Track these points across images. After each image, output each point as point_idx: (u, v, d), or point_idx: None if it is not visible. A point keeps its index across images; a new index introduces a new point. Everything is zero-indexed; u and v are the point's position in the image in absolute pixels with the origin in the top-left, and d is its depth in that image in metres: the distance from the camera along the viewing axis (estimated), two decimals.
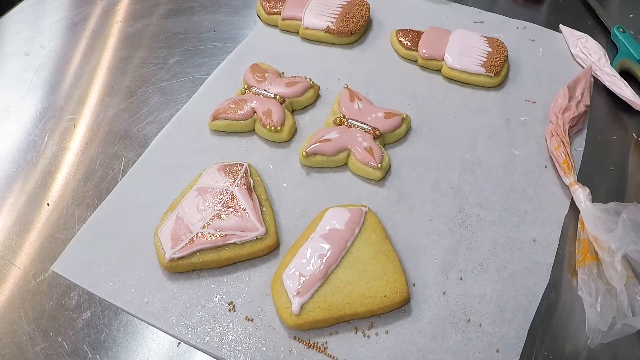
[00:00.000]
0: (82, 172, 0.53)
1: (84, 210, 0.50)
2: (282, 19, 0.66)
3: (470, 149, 0.55)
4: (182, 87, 0.61)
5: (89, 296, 0.44)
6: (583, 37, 0.65)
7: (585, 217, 0.47)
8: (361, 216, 0.47)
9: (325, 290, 0.42)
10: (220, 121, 0.55)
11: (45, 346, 0.42)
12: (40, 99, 0.60)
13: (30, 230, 0.49)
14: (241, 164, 0.51)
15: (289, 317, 0.42)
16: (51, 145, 0.56)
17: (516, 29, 0.68)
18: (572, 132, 0.56)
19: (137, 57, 0.65)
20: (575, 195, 0.49)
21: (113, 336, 0.43)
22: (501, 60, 0.60)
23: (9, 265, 0.47)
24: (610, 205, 0.46)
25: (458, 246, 0.47)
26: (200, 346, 0.42)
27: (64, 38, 0.67)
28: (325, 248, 0.44)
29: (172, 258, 0.44)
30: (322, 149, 0.52)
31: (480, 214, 0.50)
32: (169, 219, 0.47)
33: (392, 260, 0.44)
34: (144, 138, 0.56)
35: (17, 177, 0.53)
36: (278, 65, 0.61)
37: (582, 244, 0.47)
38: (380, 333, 0.42)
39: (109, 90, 0.61)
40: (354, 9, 0.65)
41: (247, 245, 0.45)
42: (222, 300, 0.44)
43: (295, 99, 0.57)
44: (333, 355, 0.41)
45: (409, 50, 0.62)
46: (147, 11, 0.71)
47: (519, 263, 0.46)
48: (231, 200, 0.47)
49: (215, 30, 0.68)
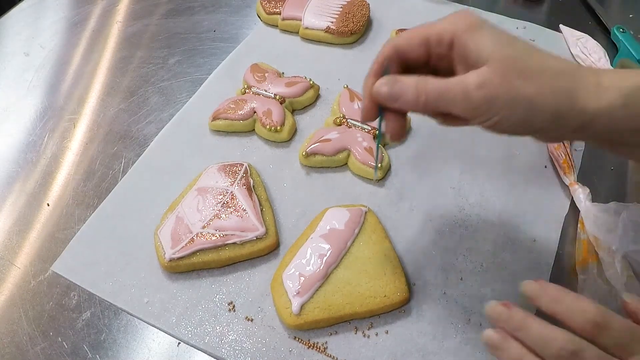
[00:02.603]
0: (82, 172, 0.53)
1: (84, 210, 0.50)
2: (282, 19, 0.66)
3: (470, 149, 0.55)
4: (182, 87, 0.61)
5: (89, 296, 0.44)
6: (583, 37, 0.65)
7: (585, 217, 0.47)
8: (361, 216, 0.47)
9: (325, 290, 0.42)
10: (220, 121, 0.55)
11: (45, 346, 0.42)
12: (40, 99, 0.60)
13: (30, 230, 0.49)
14: (241, 164, 0.50)
15: (289, 317, 0.42)
16: (51, 145, 0.56)
17: (516, 29, 0.68)
18: None
19: (137, 57, 0.65)
20: (575, 195, 0.49)
21: (113, 336, 0.43)
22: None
23: (9, 265, 0.47)
24: (610, 205, 0.46)
25: (458, 246, 0.47)
26: (200, 346, 0.42)
27: (64, 38, 0.67)
28: (325, 248, 0.44)
29: (172, 258, 0.44)
30: (322, 149, 0.52)
31: (480, 214, 0.50)
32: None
33: (392, 260, 0.44)
34: (144, 138, 0.56)
35: (17, 177, 0.53)
36: (278, 65, 0.61)
37: (582, 244, 0.47)
38: (380, 333, 0.42)
39: (109, 90, 0.61)
40: (354, 9, 0.65)
41: (247, 245, 0.45)
42: (222, 300, 0.44)
43: (295, 99, 0.57)
44: (333, 355, 0.41)
45: None
46: (147, 11, 0.71)
47: (519, 263, 0.46)
48: (231, 200, 0.47)
49: (215, 30, 0.68)
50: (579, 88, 0.33)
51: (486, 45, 0.34)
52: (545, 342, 0.33)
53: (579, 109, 0.33)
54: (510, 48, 0.34)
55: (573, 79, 0.33)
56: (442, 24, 0.36)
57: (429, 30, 0.36)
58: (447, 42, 0.36)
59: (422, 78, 0.36)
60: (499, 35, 0.34)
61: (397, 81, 0.36)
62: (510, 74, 0.33)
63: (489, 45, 0.34)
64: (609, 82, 0.33)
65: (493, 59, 0.33)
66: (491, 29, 0.35)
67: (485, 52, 0.34)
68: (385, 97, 0.37)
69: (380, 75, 0.38)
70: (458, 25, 0.35)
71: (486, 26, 0.35)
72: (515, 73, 0.33)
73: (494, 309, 0.35)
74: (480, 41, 0.34)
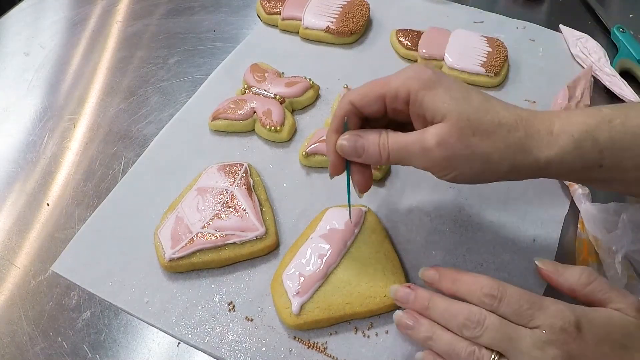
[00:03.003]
0: (82, 172, 0.53)
1: (84, 210, 0.50)
2: (282, 19, 0.66)
3: None
4: (182, 87, 0.61)
5: (89, 296, 0.44)
6: (583, 37, 0.65)
7: (585, 217, 0.47)
8: (361, 216, 0.47)
9: (325, 290, 0.42)
10: (220, 121, 0.55)
11: (45, 346, 0.42)
12: (40, 99, 0.60)
13: (30, 230, 0.49)
14: (241, 164, 0.51)
15: (288, 317, 0.42)
16: (51, 145, 0.56)
17: (516, 29, 0.68)
18: None
19: (137, 57, 0.65)
20: (575, 196, 0.49)
21: (113, 336, 0.43)
22: (501, 60, 0.60)
23: (9, 265, 0.47)
24: (610, 206, 0.46)
25: (458, 246, 0.47)
26: (200, 346, 0.42)
27: (64, 38, 0.67)
28: (325, 248, 0.44)
29: (172, 258, 0.44)
30: (322, 149, 0.52)
31: (480, 214, 0.50)
32: (169, 219, 0.47)
33: (392, 260, 0.44)
34: (144, 138, 0.56)
35: (17, 177, 0.53)
36: (278, 65, 0.61)
37: (582, 244, 0.47)
38: (380, 333, 0.42)
39: (109, 90, 0.61)
40: (354, 9, 0.65)
41: (247, 245, 0.45)
42: (222, 300, 0.44)
43: (295, 99, 0.57)
44: (333, 355, 0.41)
45: (409, 50, 0.62)
46: (147, 11, 0.71)
47: (519, 263, 0.46)
48: (231, 200, 0.47)
49: (215, 30, 0.68)
50: (531, 139, 0.35)
51: (442, 103, 0.35)
52: (451, 316, 0.36)
53: (532, 159, 0.36)
54: (466, 105, 0.35)
55: (526, 131, 0.36)
56: (398, 80, 0.37)
57: (385, 87, 0.37)
58: (403, 99, 0.37)
59: (383, 134, 0.38)
60: (454, 91, 0.36)
61: (360, 137, 0.39)
62: (467, 132, 0.35)
63: (445, 103, 0.35)
64: (560, 128, 0.36)
65: (449, 117, 0.35)
66: (446, 84, 0.36)
67: (441, 110, 0.35)
68: (348, 153, 0.39)
69: (342, 130, 0.39)
70: (413, 83, 0.36)
71: (441, 82, 0.36)
72: (471, 131, 0.35)
73: (397, 292, 0.40)
74: (436, 99, 0.36)
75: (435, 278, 0.39)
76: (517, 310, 0.35)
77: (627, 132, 0.35)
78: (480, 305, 0.36)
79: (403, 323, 0.38)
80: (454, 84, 0.36)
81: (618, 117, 0.36)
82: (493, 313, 0.35)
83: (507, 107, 0.36)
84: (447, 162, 0.36)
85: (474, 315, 0.35)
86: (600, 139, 0.35)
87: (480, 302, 0.36)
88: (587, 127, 0.35)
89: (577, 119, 0.36)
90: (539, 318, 0.34)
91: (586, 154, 0.35)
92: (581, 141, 0.35)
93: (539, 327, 0.34)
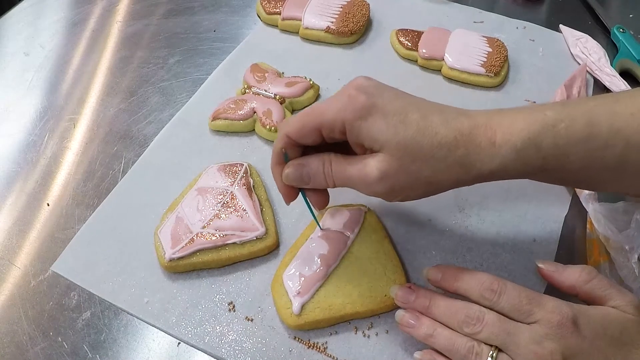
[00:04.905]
0: (82, 172, 0.53)
1: (84, 210, 0.50)
2: (282, 19, 0.66)
3: None
4: (182, 87, 0.61)
5: (89, 296, 0.44)
6: (583, 37, 0.65)
7: (594, 217, 0.47)
8: (361, 216, 0.47)
9: (326, 290, 0.42)
10: (220, 121, 0.55)
11: (45, 346, 0.42)
12: (40, 99, 0.60)
13: (30, 230, 0.49)
14: (241, 164, 0.51)
15: (289, 317, 0.42)
16: (51, 145, 0.56)
17: (516, 29, 0.68)
18: None
19: (137, 57, 0.65)
20: (582, 196, 0.49)
21: (113, 336, 0.43)
22: (501, 60, 0.60)
23: (9, 265, 0.47)
24: (620, 205, 0.46)
25: (458, 246, 0.47)
26: (200, 346, 0.42)
27: (64, 38, 0.67)
28: (325, 248, 0.44)
29: (172, 258, 0.44)
30: None
31: (480, 214, 0.50)
32: (169, 219, 0.47)
33: (392, 260, 0.44)
34: (144, 138, 0.56)
35: (17, 177, 0.53)
36: (278, 65, 0.61)
37: (592, 244, 0.46)
38: (381, 333, 0.42)
39: (109, 90, 0.61)
40: (354, 9, 0.65)
41: (247, 245, 0.45)
42: (222, 300, 0.44)
43: (295, 99, 0.57)
44: (333, 355, 0.41)
45: (409, 50, 0.62)
46: (147, 11, 0.71)
47: (519, 263, 0.46)
48: (231, 200, 0.47)
49: (215, 30, 0.68)
50: (473, 155, 0.35)
51: (379, 133, 0.35)
52: (451, 314, 0.37)
53: (475, 173, 0.36)
54: (402, 130, 0.35)
55: (466, 147, 0.35)
56: (332, 110, 0.37)
57: (319, 118, 0.37)
58: (339, 130, 0.37)
59: (327, 162, 0.38)
60: (390, 116, 0.35)
61: (304, 166, 0.39)
62: (406, 161, 0.35)
63: (382, 133, 0.35)
64: (502, 138, 0.35)
65: (387, 147, 0.35)
66: (381, 108, 0.36)
67: (379, 140, 0.35)
68: (296, 182, 0.40)
69: (283, 162, 0.40)
70: (348, 115, 0.36)
71: (376, 107, 0.36)
72: (410, 159, 0.35)
73: (398, 293, 0.40)
74: (373, 128, 0.35)
75: (438, 277, 0.40)
76: (516, 305, 0.35)
77: (570, 137, 0.35)
78: (481, 300, 0.36)
79: (405, 322, 0.39)
80: (389, 104, 0.36)
81: (563, 121, 0.35)
82: (492, 310, 0.36)
83: (446, 122, 0.35)
84: (391, 191, 0.37)
85: (474, 312, 0.36)
86: (543, 145, 0.35)
87: (480, 297, 0.36)
88: (529, 134, 0.35)
89: (520, 125, 0.35)
90: (537, 313, 0.34)
91: (529, 161, 0.35)
92: (524, 150, 0.35)
93: (537, 322, 0.34)
